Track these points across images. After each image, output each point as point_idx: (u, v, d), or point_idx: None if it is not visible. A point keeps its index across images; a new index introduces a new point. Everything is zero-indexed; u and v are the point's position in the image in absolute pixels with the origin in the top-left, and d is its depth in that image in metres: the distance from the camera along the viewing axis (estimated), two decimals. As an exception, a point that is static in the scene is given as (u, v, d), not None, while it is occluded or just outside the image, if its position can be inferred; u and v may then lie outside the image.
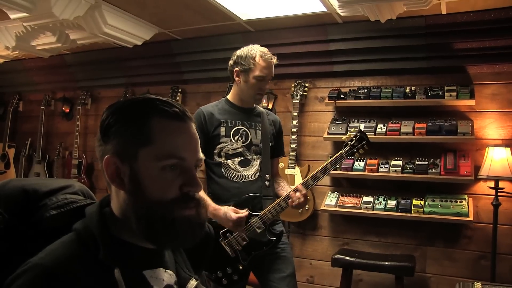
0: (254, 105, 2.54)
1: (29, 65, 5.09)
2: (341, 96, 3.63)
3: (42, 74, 5.11)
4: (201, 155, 0.99)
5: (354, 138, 2.38)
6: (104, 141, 0.95)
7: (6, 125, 5.34)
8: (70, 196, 1.05)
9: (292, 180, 3.64)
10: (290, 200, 2.29)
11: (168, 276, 1.00)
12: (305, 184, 2.34)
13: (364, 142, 2.37)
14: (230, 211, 2.23)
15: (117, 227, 0.95)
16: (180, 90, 4.40)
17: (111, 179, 0.94)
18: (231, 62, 2.46)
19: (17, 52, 4.35)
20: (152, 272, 0.97)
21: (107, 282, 0.88)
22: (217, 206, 2.26)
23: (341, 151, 2.38)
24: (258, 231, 2.31)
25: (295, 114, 3.73)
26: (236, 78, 2.43)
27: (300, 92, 3.79)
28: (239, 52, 2.44)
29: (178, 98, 4.37)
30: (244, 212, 2.25)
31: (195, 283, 1.04)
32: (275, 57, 2.44)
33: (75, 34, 3.79)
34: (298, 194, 2.28)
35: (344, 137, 2.45)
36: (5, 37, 3.90)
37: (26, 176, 5.10)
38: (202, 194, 2.23)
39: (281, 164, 3.74)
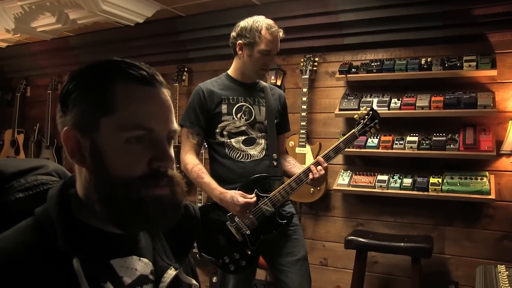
0: (257, 80, 2.40)
1: (34, 49, 5.01)
2: (353, 70, 3.45)
3: (47, 58, 5.03)
4: (175, 125, 0.86)
5: (366, 117, 2.26)
6: (63, 112, 0.83)
7: (14, 111, 5.30)
8: (41, 177, 0.94)
9: (303, 159, 3.50)
10: (311, 174, 2.16)
11: (142, 265, 0.89)
12: (317, 165, 2.20)
13: (377, 120, 2.25)
14: (237, 195, 2.10)
15: (82, 210, 0.84)
16: (186, 69, 4.26)
17: (71, 154, 0.82)
18: (233, 34, 2.31)
19: (19, 35, 4.28)
20: (122, 261, 0.85)
21: (66, 273, 0.76)
22: (223, 190, 2.14)
23: (353, 130, 2.26)
24: (267, 214, 2.19)
25: (304, 90, 3.56)
26: (239, 52, 2.29)
27: (309, 67, 3.61)
28: (242, 23, 2.28)
29: (184, 77, 4.23)
30: (252, 197, 2.13)
31: (174, 272, 0.92)
32: (282, 30, 2.29)
33: (74, 14, 3.68)
34: (319, 167, 2.16)
35: (356, 115, 2.31)
36: (4, 19, 3.82)
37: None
38: (207, 177, 2.14)
39: (291, 143, 3.61)
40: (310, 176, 2.17)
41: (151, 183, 0.81)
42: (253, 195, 2.16)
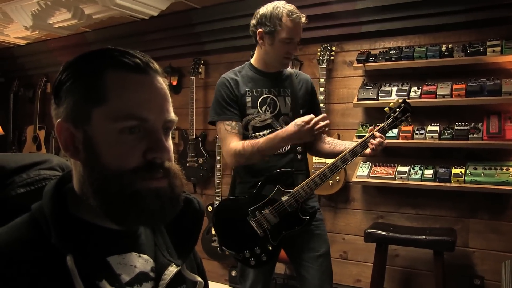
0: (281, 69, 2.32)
1: (53, 46, 5.07)
2: (371, 58, 3.34)
3: (65, 54, 5.05)
4: (172, 115, 0.83)
5: (397, 110, 2.14)
6: (56, 104, 0.81)
7: (35, 107, 5.36)
8: (44, 172, 0.92)
9: (321, 152, 3.43)
10: (370, 144, 2.04)
11: (142, 262, 0.86)
12: (343, 160, 2.10)
13: (409, 114, 2.12)
14: (295, 122, 2.02)
15: (79, 205, 0.81)
16: (202, 62, 4.22)
17: (65, 147, 0.80)
18: (253, 22, 2.22)
19: (37, 32, 4.34)
20: (120, 257, 0.83)
21: (60, 271, 0.73)
22: (281, 130, 2.07)
23: (383, 124, 2.14)
24: (290, 209, 2.12)
25: (322, 80, 3.49)
26: (260, 41, 2.20)
27: (326, 57, 3.52)
28: (262, 10, 2.19)
29: (201, 70, 4.20)
30: (309, 117, 2.02)
31: (175, 269, 0.89)
32: (304, 15, 2.19)
33: (89, 9, 3.70)
34: (378, 135, 2.05)
35: (386, 108, 2.19)
36: (22, 16, 3.86)
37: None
38: (261, 139, 2.07)
39: (309, 135, 3.54)
40: (370, 146, 2.04)
41: (147, 175, 0.78)
42: (309, 116, 2.04)
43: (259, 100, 2.22)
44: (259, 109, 2.21)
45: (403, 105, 2.14)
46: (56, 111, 0.81)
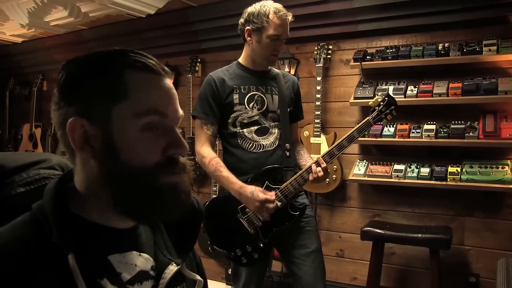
0: (269, 67, 2.35)
1: (49, 43, 5.05)
2: (367, 57, 3.36)
3: (62, 52, 5.05)
4: (181, 112, 0.86)
5: (381, 103, 2.19)
6: (67, 102, 0.79)
7: (31, 105, 5.34)
8: (44, 171, 0.92)
9: (318, 149, 3.44)
10: (310, 175, 2.13)
11: (143, 260, 0.87)
12: (330, 154, 2.16)
13: (393, 107, 2.18)
14: (257, 191, 2.07)
15: (80, 204, 0.81)
16: (199, 60, 4.22)
17: (78, 146, 0.79)
18: (241, 20, 2.26)
19: (33, 30, 4.33)
20: (121, 256, 0.83)
21: (61, 269, 0.74)
22: (243, 184, 2.11)
23: (368, 118, 2.19)
24: (279, 205, 2.14)
25: (318, 79, 3.49)
26: (248, 38, 2.24)
27: (323, 56, 3.53)
28: (250, 9, 2.23)
29: (197, 68, 4.20)
30: (272, 194, 2.09)
31: (175, 268, 0.89)
32: (291, 14, 2.23)
33: (86, 7, 3.69)
34: (318, 168, 2.11)
35: (370, 101, 2.25)
36: (18, 14, 3.85)
37: (53, 155, 5.14)
38: (225, 171, 2.11)
39: (306, 133, 3.55)
40: (310, 177, 2.14)
41: (167, 171, 0.80)
42: (273, 192, 2.12)
43: (247, 97, 2.24)
44: (246, 106, 2.23)
45: (387, 98, 2.19)
46: (64, 110, 0.80)
